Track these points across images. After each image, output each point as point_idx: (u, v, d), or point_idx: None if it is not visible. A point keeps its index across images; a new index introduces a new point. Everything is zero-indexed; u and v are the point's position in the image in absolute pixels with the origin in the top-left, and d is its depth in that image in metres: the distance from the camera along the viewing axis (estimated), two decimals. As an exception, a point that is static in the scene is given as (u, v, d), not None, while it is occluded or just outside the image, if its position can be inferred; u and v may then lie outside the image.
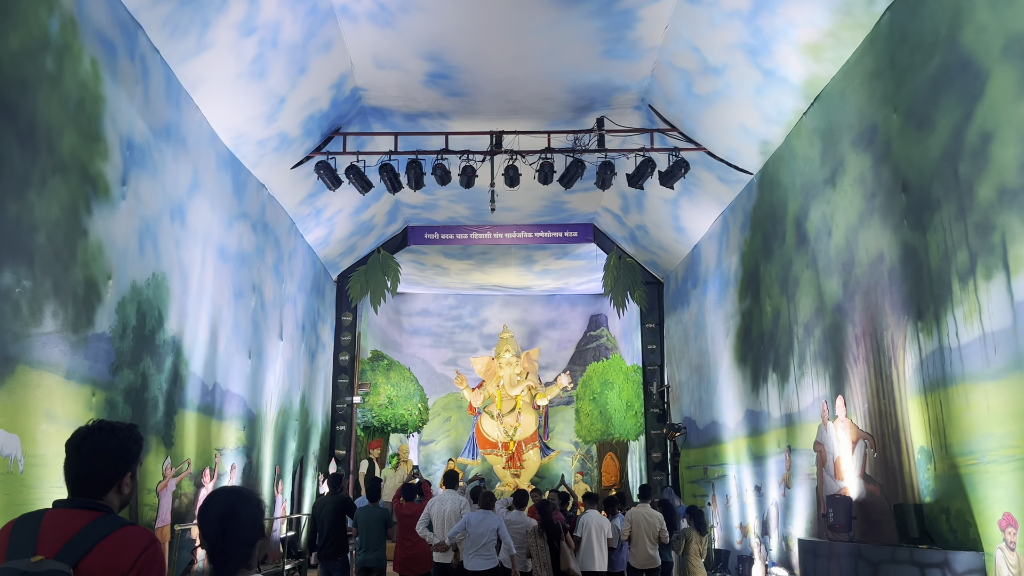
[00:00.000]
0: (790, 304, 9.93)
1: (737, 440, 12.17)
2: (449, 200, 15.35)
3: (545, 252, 19.81)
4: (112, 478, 2.33)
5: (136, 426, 2.48)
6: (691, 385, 14.88)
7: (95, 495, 2.32)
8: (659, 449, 16.41)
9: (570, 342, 25.66)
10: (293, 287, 13.05)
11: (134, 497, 2.51)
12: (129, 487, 2.40)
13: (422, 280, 23.02)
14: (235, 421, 10.20)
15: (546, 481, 23.56)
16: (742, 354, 11.90)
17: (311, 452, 14.73)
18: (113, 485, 2.34)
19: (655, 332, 16.96)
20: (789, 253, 9.93)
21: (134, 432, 2.42)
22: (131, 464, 2.39)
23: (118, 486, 2.36)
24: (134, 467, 2.41)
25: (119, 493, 2.37)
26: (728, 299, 12.55)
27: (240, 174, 10.32)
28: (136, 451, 2.42)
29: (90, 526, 2.23)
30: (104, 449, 2.33)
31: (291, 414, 13.06)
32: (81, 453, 2.32)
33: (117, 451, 2.35)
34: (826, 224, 8.78)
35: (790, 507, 9.95)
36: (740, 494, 12.09)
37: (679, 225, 14.10)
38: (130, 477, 2.39)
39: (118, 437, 2.37)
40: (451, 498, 9.35)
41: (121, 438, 2.37)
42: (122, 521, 2.28)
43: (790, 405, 9.92)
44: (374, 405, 18.10)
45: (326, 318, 15.94)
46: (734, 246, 12.19)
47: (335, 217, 13.92)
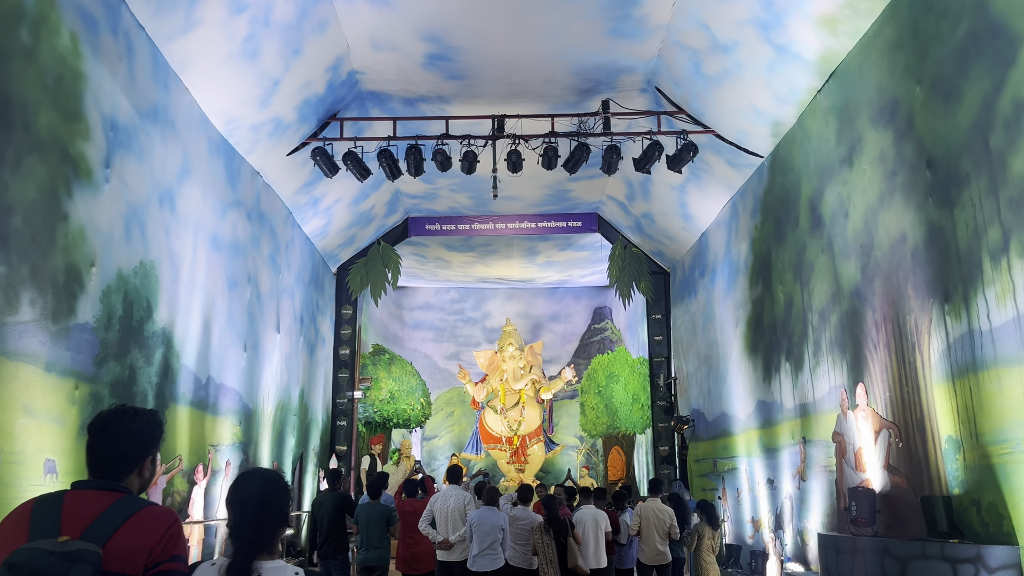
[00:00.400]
0: (804, 290, 9.57)
1: (748, 432, 11.83)
2: (450, 189, 15.00)
3: (548, 243, 19.45)
4: (135, 460, 2.38)
5: (157, 411, 2.53)
6: (699, 377, 14.54)
7: (116, 477, 2.35)
8: (666, 442, 16.08)
9: (574, 335, 25.33)
10: (291, 279, 12.72)
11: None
12: (150, 471, 2.44)
13: (423, 273, 22.68)
14: (230, 416, 9.87)
15: (551, 476, 23.25)
16: (753, 343, 11.55)
17: (311, 448, 14.40)
18: (135, 468, 2.38)
19: (662, 323, 16.61)
20: (803, 238, 9.57)
21: (156, 416, 2.48)
22: (153, 447, 2.44)
23: (139, 469, 2.40)
24: (155, 451, 2.46)
25: (140, 476, 2.41)
26: (738, 287, 12.20)
27: (233, 160, 9.97)
28: (158, 435, 2.47)
29: (114, 507, 2.25)
30: (129, 430, 2.38)
31: (290, 409, 12.73)
32: (107, 434, 2.36)
33: (141, 433, 2.40)
34: (843, 206, 8.43)
35: (805, 500, 9.60)
36: (752, 487, 11.75)
37: (686, 212, 13.74)
38: (151, 461, 2.43)
39: (141, 420, 2.42)
40: (455, 494, 9.02)
41: (145, 420, 2.43)
42: (144, 501, 2.31)
43: (805, 395, 9.57)
44: (375, 400, 17.77)
45: (325, 311, 15.60)
46: (744, 232, 11.83)
47: (333, 207, 13.57)
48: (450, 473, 9.33)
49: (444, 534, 8.69)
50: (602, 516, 9.86)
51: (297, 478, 13.74)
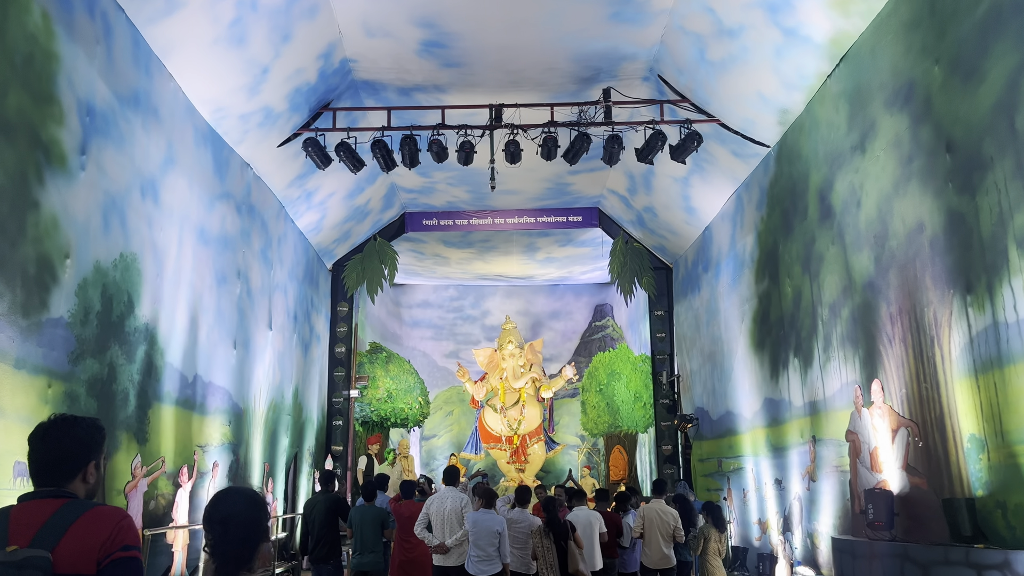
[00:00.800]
0: (813, 284, 9.23)
1: (754, 431, 11.49)
2: (447, 183, 14.66)
3: (548, 239, 19.13)
4: (77, 466, 2.38)
5: (99, 419, 2.55)
6: (703, 374, 14.19)
7: (60, 483, 2.36)
8: (669, 441, 15.74)
9: (575, 333, 25.00)
10: (283, 274, 12.38)
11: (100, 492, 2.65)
12: (94, 476, 2.43)
13: (422, 271, 22.34)
14: (219, 416, 9.53)
15: (551, 476, 22.92)
16: (759, 339, 11.21)
17: (306, 448, 14.06)
18: (78, 473, 2.38)
19: (664, 320, 16.27)
20: (812, 229, 9.23)
21: (96, 423, 2.49)
22: (95, 452, 2.44)
23: (83, 475, 2.39)
24: (98, 456, 2.46)
25: (84, 482, 2.40)
26: (743, 282, 11.86)
27: (221, 151, 9.63)
28: (99, 440, 2.47)
29: (60, 511, 2.27)
30: (69, 437, 2.39)
31: (283, 408, 12.39)
32: (47, 442, 2.37)
33: (82, 438, 2.41)
34: (854, 195, 8.08)
35: (815, 502, 9.26)
36: (758, 488, 11.41)
37: (689, 206, 13.39)
38: (94, 466, 2.43)
39: (81, 426, 2.43)
40: (451, 496, 8.68)
41: (84, 427, 2.43)
42: (91, 503, 2.33)
43: (814, 392, 9.23)
44: (372, 399, 17.43)
45: (320, 308, 15.26)
46: (749, 225, 11.49)
47: (327, 201, 13.22)
48: (446, 474, 8.99)
49: (440, 537, 8.35)
50: (596, 517, 9.53)
51: (291, 479, 13.40)
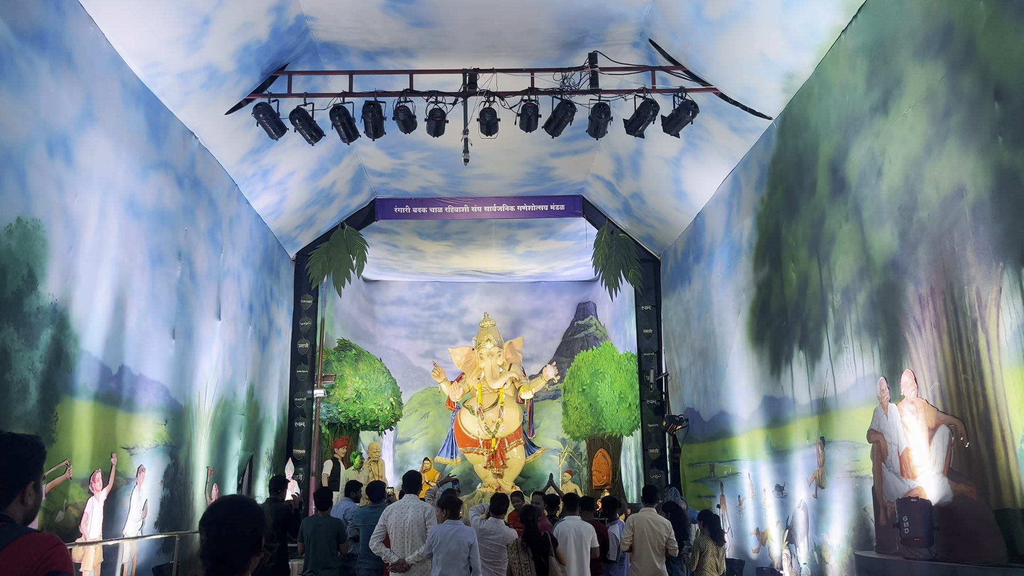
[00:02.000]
0: (822, 267, 8.25)
1: (752, 432, 10.50)
2: (420, 165, 13.59)
3: (529, 231, 18.10)
4: (14, 488, 2.36)
5: (39, 437, 2.59)
6: (694, 372, 13.20)
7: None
8: (657, 444, 14.74)
9: (556, 332, 23.98)
10: (236, 260, 11.24)
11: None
12: (33, 498, 2.41)
13: (396, 265, 21.24)
14: (153, 414, 8.39)
15: (531, 481, 21.84)
16: (758, 332, 10.23)
17: (263, 451, 12.92)
18: (15, 495, 2.36)
19: (651, 315, 15.28)
20: (821, 206, 8.26)
21: (36, 441, 2.47)
22: (34, 473, 2.43)
23: (21, 496, 2.38)
24: (37, 476, 2.44)
25: (23, 504, 2.38)
26: (739, 270, 10.88)
27: (158, 114, 8.51)
28: (39, 459, 2.46)
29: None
30: (4, 457, 2.37)
31: (235, 407, 11.25)
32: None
33: (19, 457, 2.40)
34: (874, 163, 7.11)
35: (825, 511, 8.27)
36: (756, 494, 10.41)
37: (680, 190, 12.41)
38: (33, 487, 2.41)
39: (20, 444, 2.43)
40: (412, 505, 7.63)
41: (23, 446, 2.43)
42: (25, 529, 2.30)
43: (823, 388, 8.25)
44: (340, 399, 16.29)
45: (282, 301, 14.12)
46: (747, 208, 10.52)
47: (287, 181, 12.10)
48: (406, 480, 7.92)
49: (400, 553, 7.30)
50: (587, 529, 8.50)
51: (245, 484, 12.25)
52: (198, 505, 9.64)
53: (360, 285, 22.48)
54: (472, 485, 20.98)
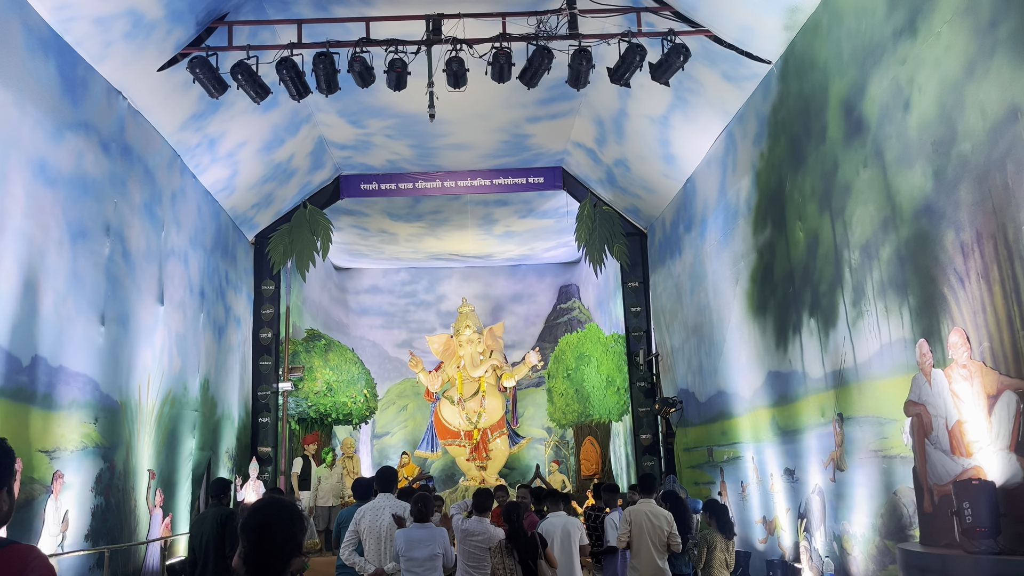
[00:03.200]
0: (836, 222, 7.31)
1: (756, 412, 9.58)
2: (386, 135, 12.52)
3: (507, 209, 17.08)
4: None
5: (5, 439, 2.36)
6: (687, 350, 12.28)
7: None
8: (648, 429, 13.83)
9: (538, 317, 23.01)
10: (182, 240, 10.14)
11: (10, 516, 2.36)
12: (7, 503, 2.33)
13: (368, 251, 20.17)
14: (79, 411, 7.31)
15: (516, 473, 20.90)
16: (760, 302, 9.30)
17: (223, 450, 11.85)
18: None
19: (639, 292, 14.34)
20: (833, 154, 7.31)
21: (4, 444, 2.36)
22: (6, 477, 2.34)
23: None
24: (9, 481, 2.36)
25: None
26: (737, 236, 9.94)
27: (73, 67, 7.40)
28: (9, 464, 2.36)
29: None
30: None
31: (186, 403, 10.17)
32: None
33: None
34: (899, 95, 6.17)
35: (845, 496, 7.36)
36: (762, 480, 9.51)
37: (669, 153, 11.44)
38: (6, 492, 2.33)
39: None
40: (389, 506, 6.64)
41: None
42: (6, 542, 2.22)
43: (840, 359, 7.32)
44: (310, 392, 15.21)
45: (240, 287, 13.03)
46: (744, 166, 9.57)
47: (238, 153, 11.00)
48: (380, 478, 6.92)
49: (376, 562, 6.31)
50: (575, 525, 7.57)
51: (204, 489, 11.18)
52: (141, 513, 8.58)
53: (331, 273, 21.40)
54: (455, 479, 20.03)
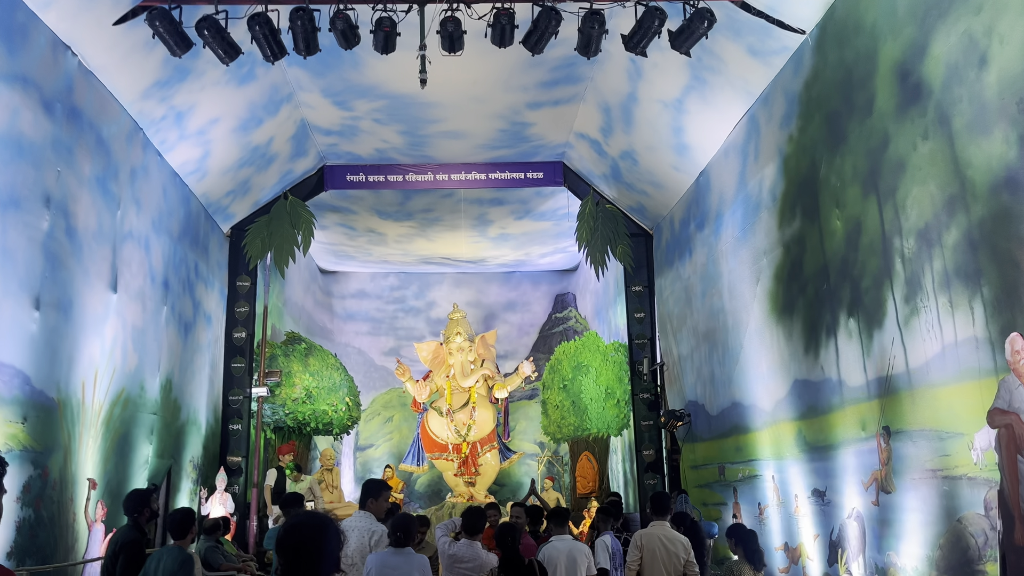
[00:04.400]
0: (885, 206, 6.37)
1: (778, 426, 8.60)
2: (374, 119, 11.55)
3: (503, 210, 16.13)
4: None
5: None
6: (697, 359, 11.30)
7: None
8: (652, 445, 12.81)
9: (532, 326, 22.02)
10: (142, 223, 9.12)
11: None
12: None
13: (355, 252, 19.16)
14: (3, 408, 6.26)
15: (506, 490, 19.85)
16: (786, 303, 8.34)
17: (187, 459, 10.78)
18: None
19: (643, 297, 13.37)
20: (882, 128, 6.38)
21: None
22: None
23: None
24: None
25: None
26: (758, 231, 9.00)
27: (12, 11, 6.41)
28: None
29: None
30: None
31: (142, 404, 9.12)
32: None
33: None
34: (974, 51, 5.24)
35: (891, 522, 6.37)
36: (784, 501, 8.51)
37: (681, 142, 10.51)
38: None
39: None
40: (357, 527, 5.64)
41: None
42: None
43: (887, 364, 6.36)
44: (287, 399, 14.15)
45: (212, 282, 11.99)
46: (769, 152, 8.64)
47: (209, 131, 10.00)
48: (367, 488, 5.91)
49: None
50: (582, 552, 6.56)
51: (163, 499, 10.11)
52: (80, 528, 7.50)
53: (316, 276, 20.39)
54: (441, 495, 18.95)
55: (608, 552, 7.80)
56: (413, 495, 20.42)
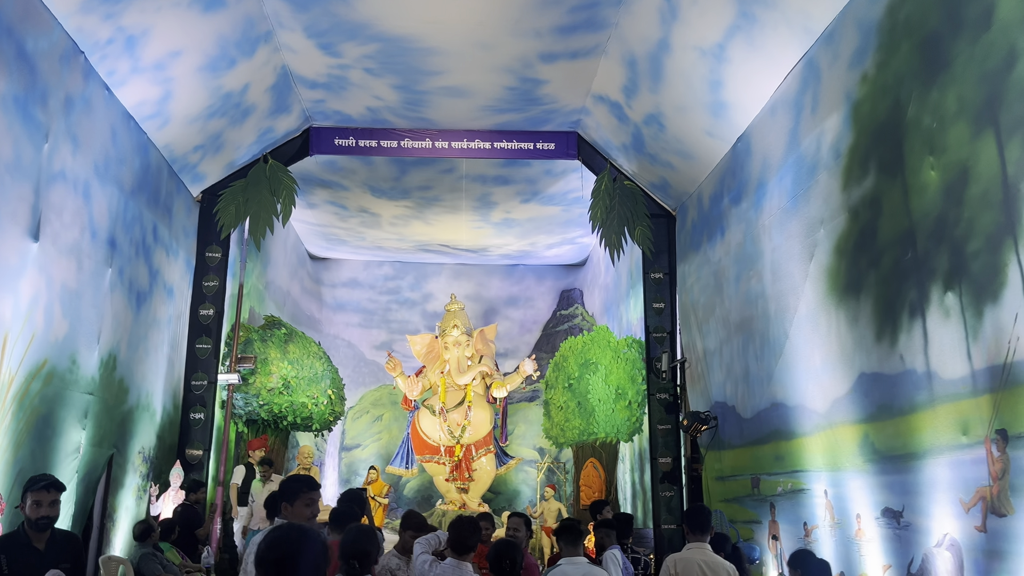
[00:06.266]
0: (1007, 144, 4.91)
1: (835, 429, 7.12)
2: (365, 68, 10.10)
3: (508, 190, 14.72)
4: None
5: None
6: (727, 353, 9.84)
7: None
8: (669, 451, 11.32)
9: (535, 323, 20.58)
10: (81, 165, 7.66)
11: None
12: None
13: (346, 235, 17.74)
14: None
15: (502, 498, 18.37)
16: (850, 279, 6.87)
17: (133, 449, 9.30)
18: None
19: (663, 285, 11.91)
20: (1006, 43, 4.92)
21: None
22: None
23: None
24: None
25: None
26: (814, 197, 7.53)
27: None
28: None
29: None
30: None
31: (72, 381, 7.64)
32: None
33: None
34: None
35: (1004, 554, 4.89)
36: (841, 522, 7.02)
37: (719, 99, 9.06)
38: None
39: None
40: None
41: None
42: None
43: (1004, 348, 4.89)
44: (262, 389, 12.69)
45: (176, 250, 10.53)
46: (833, 100, 7.19)
47: (170, 65, 8.54)
48: (281, 492, 4.45)
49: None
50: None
51: (102, 499, 8.63)
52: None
53: (304, 261, 18.96)
54: (431, 501, 17.48)
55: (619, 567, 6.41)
56: (401, 501, 18.93)
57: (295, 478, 4.43)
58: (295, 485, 4.15)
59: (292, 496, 4.04)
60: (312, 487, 4.10)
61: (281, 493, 4.15)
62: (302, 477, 4.47)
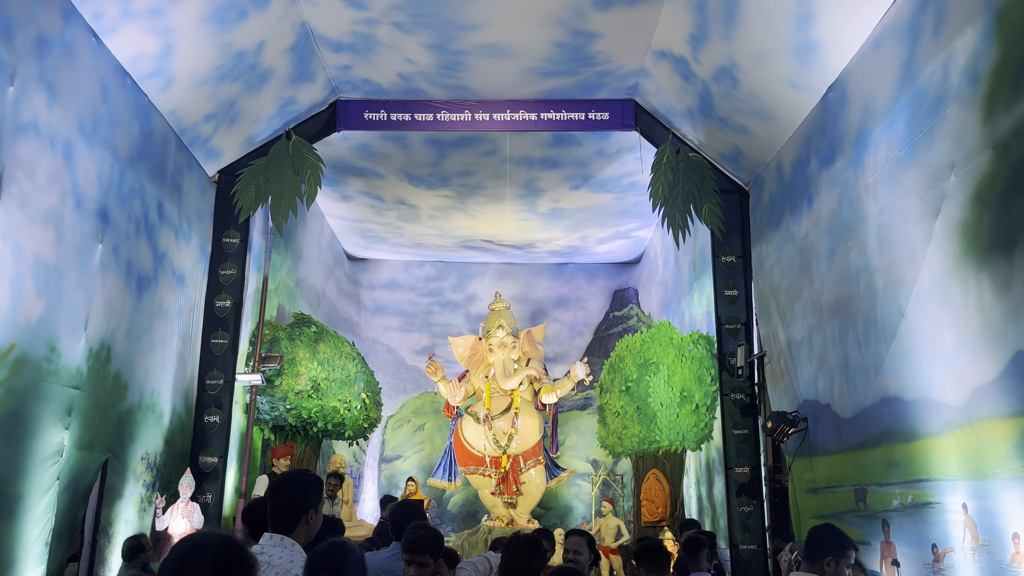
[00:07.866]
0: None
1: (976, 427, 5.61)
2: (394, 26, 8.92)
3: (555, 175, 13.44)
4: None
5: None
6: (819, 343, 8.35)
7: None
8: (747, 461, 9.83)
9: (586, 326, 19.19)
10: (60, 119, 6.59)
11: None
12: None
13: (384, 231, 16.63)
14: None
15: (553, 514, 17.00)
16: (995, 235, 5.39)
17: (135, 454, 8.19)
18: None
19: (736, 269, 10.46)
20: None
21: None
22: None
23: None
24: None
25: None
26: (939, 138, 6.07)
27: None
28: None
29: None
30: None
31: (50, 372, 6.54)
32: None
33: None
34: None
35: None
36: (989, 544, 5.50)
37: (808, 40, 7.64)
38: None
39: None
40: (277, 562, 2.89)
41: None
42: None
43: None
44: (289, 391, 11.55)
45: (188, 233, 9.47)
46: (963, 18, 5.73)
47: (169, 13, 7.45)
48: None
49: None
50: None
51: (94, 508, 7.51)
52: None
53: (341, 261, 17.91)
54: (476, 517, 16.15)
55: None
56: (445, 516, 17.67)
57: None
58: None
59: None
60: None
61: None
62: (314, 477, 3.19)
